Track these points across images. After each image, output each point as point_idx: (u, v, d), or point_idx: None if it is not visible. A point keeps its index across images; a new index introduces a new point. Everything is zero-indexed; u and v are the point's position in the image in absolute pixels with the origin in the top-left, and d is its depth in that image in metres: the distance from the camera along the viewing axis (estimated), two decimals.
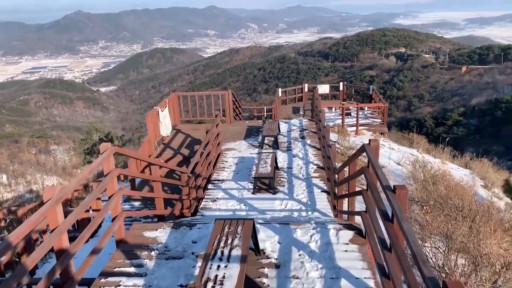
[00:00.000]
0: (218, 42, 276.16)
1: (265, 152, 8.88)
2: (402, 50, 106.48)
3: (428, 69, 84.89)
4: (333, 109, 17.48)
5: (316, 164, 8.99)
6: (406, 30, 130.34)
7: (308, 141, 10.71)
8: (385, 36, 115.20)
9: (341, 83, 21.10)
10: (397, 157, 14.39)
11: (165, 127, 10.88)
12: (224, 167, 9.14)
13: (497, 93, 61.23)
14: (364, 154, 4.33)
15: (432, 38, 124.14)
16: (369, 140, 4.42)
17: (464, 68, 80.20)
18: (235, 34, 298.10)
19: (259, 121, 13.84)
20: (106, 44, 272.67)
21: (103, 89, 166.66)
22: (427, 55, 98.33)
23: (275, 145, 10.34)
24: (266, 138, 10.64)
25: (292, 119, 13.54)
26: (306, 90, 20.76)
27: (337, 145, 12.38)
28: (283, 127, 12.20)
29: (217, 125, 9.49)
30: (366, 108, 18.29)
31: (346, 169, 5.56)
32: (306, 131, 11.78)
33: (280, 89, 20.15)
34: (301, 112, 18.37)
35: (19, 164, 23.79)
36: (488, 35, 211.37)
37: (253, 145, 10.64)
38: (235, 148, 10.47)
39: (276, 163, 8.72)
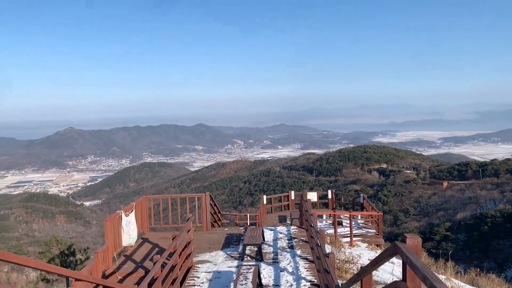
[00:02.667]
0: (205, 157, 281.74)
1: (246, 265, 7.15)
2: (384, 166, 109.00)
3: (410, 184, 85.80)
4: (324, 216, 15.99)
5: (310, 281, 7.22)
6: (386, 147, 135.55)
7: (298, 252, 9.02)
8: (366, 152, 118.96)
9: (329, 191, 19.96)
10: (399, 272, 12.56)
11: (128, 236, 9.14)
12: (195, 285, 7.29)
13: (480, 208, 61.09)
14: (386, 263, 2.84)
15: (412, 155, 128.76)
16: (405, 237, 2.85)
17: (445, 184, 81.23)
18: (222, 149, 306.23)
19: (241, 228, 12.17)
20: (95, 159, 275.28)
21: (87, 203, 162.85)
22: (408, 171, 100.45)
23: (259, 256, 8.61)
24: (247, 248, 8.93)
25: (278, 227, 11.93)
26: (292, 197, 19.45)
27: None
28: (268, 235, 10.55)
29: (188, 231, 7.89)
30: (359, 217, 16.85)
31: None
32: (295, 239, 10.14)
33: (265, 196, 18.82)
34: (288, 221, 16.82)
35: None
36: (464, 153, 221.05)
37: (232, 256, 8.87)
38: (210, 260, 8.66)
39: (260, 279, 6.97)
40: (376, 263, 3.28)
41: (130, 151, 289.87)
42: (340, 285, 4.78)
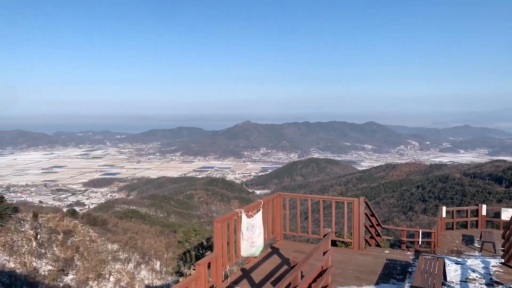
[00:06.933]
0: (374, 157, 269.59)
1: None
2: None
3: None
4: None
5: None
6: None
7: None
8: None
9: None
10: None
11: (250, 244, 6.99)
12: None
13: None
14: None
15: None
16: None
17: None
18: (393, 149, 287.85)
19: (408, 253, 8.69)
20: (267, 151, 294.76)
21: (258, 192, 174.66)
22: None
23: None
24: None
25: (468, 259, 8.05)
26: (483, 213, 14.57)
27: None
28: (453, 272, 6.97)
29: (325, 253, 5.24)
30: None
31: None
32: (501, 286, 6.34)
33: (444, 208, 14.53)
34: (477, 245, 12.42)
35: (173, 253, 24.07)
36: None
37: None
38: None
39: None
40: None
41: (299, 146, 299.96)
42: None
